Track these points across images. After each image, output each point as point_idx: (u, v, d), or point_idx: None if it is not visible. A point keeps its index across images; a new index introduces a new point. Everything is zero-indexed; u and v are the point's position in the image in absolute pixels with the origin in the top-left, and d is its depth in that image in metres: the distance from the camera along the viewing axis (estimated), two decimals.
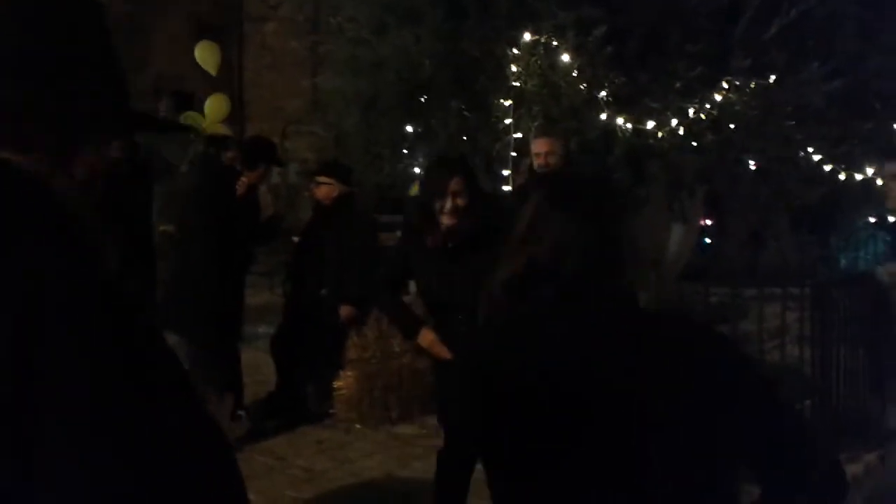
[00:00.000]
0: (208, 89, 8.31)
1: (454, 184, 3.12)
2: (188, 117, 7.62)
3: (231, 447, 1.12)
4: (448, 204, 3.11)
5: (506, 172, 5.72)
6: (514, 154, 5.62)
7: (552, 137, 4.67)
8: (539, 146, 4.61)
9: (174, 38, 11.80)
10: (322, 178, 5.09)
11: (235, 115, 9.88)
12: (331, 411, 5.27)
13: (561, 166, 4.59)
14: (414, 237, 3.36)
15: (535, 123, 5.58)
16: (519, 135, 5.58)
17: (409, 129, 6.13)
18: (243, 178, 4.80)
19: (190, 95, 8.76)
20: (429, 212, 3.19)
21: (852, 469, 4.90)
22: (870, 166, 5.62)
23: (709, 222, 7.28)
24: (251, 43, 9.56)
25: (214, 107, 7.91)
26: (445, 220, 3.15)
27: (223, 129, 7.72)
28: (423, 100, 6.06)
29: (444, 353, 3.26)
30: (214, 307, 4.62)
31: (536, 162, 4.65)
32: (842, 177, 5.56)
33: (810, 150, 5.57)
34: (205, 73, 8.15)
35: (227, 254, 4.64)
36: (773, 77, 5.35)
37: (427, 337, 3.33)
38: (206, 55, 7.87)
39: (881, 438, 5.32)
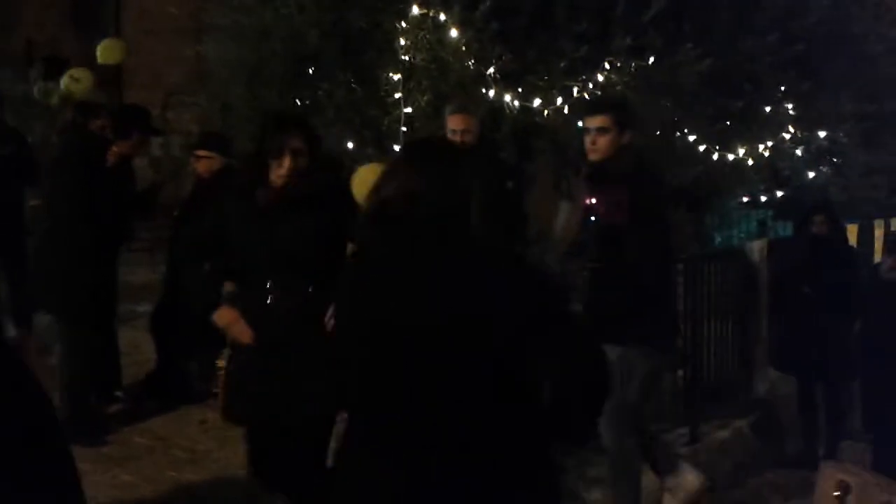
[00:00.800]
0: (82, 56, 7.87)
1: (293, 141, 2.96)
2: (71, 74, 7.14)
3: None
4: (286, 162, 2.93)
5: (397, 147, 5.69)
6: (404, 129, 5.60)
7: (469, 115, 4.45)
8: (455, 122, 4.37)
9: (46, 2, 11.13)
10: (202, 152, 4.90)
11: (114, 84, 9.40)
12: (214, 391, 5.13)
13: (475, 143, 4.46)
14: (238, 197, 3.09)
15: (425, 98, 5.57)
16: (409, 109, 5.55)
17: (297, 101, 5.99)
18: (114, 148, 4.56)
19: (63, 61, 8.27)
20: (262, 169, 2.99)
21: (722, 434, 5.18)
22: (741, 146, 5.88)
23: (594, 201, 7.44)
24: (130, 7, 9.13)
25: (108, 49, 7.44)
26: (279, 180, 2.96)
27: (94, 96, 7.32)
28: (310, 71, 5.93)
29: (243, 335, 3.02)
30: (85, 284, 4.39)
31: (453, 139, 4.49)
32: (715, 157, 5.80)
33: (686, 130, 5.77)
34: (77, 37, 7.69)
35: (97, 228, 4.41)
36: (651, 58, 5.50)
37: (225, 316, 3.06)
38: (108, 54, 7.43)
39: (749, 405, 5.64)
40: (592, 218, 4.00)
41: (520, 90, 5.62)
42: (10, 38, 10.95)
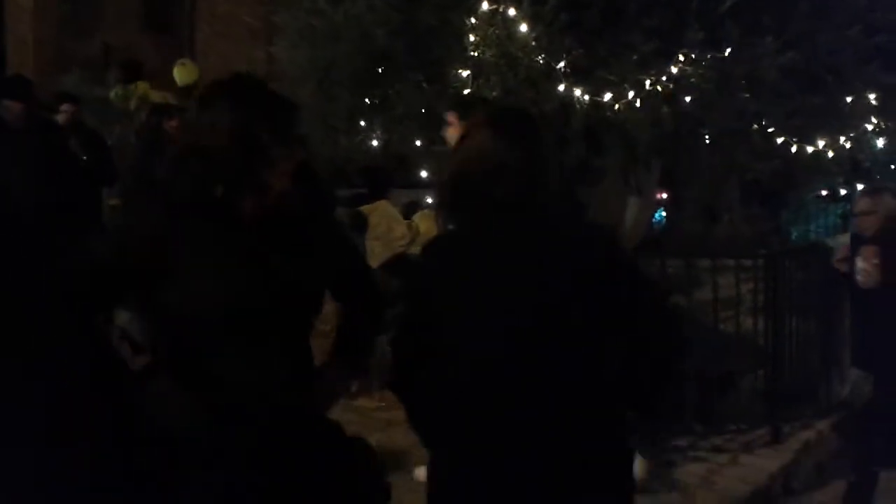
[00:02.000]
0: (158, 59, 8.10)
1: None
2: (139, 87, 7.44)
3: None
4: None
5: None
6: None
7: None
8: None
9: (123, 7, 11.47)
10: None
11: (187, 87, 9.63)
12: None
13: None
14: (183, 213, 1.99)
15: (494, 94, 5.55)
16: None
17: (367, 100, 6.03)
18: None
19: (138, 65, 8.51)
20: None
21: (804, 435, 5.03)
22: (821, 139, 5.69)
23: (664, 196, 7.34)
24: (202, 12, 9.34)
25: (183, 74, 7.76)
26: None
27: (168, 98, 7.55)
28: (379, 71, 5.96)
29: None
30: None
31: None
32: (794, 149, 5.62)
33: (763, 123, 5.62)
34: (152, 41, 7.95)
35: None
36: (727, 50, 5.36)
37: None
38: (183, 74, 7.73)
39: (832, 406, 5.47)
40: (662, 213, 3.96)
41: (590, 85, 5.55)
42: (88, 44, 11.33)
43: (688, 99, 5.49)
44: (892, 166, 6.71)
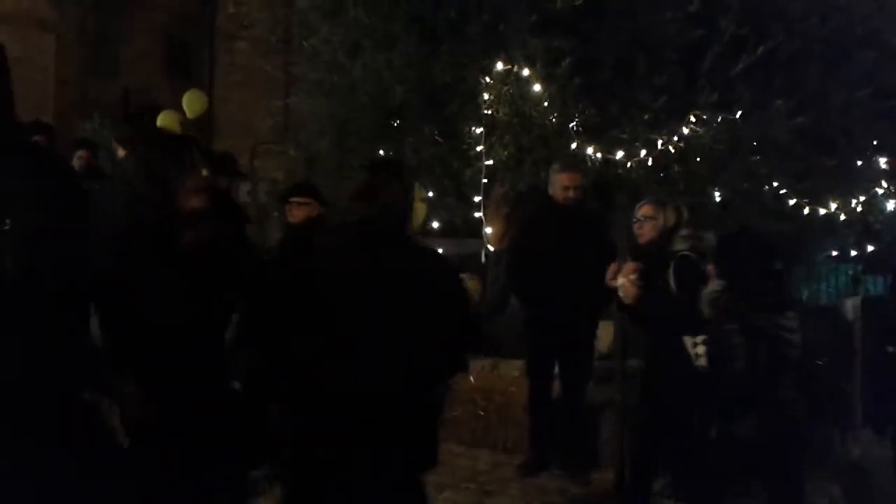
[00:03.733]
0: (177, 105, 8.24)
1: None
2: (164, 116, 7.51)
3: None
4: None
5: (477, 199, 5.76)
6: (485, 181, 5.67)
7: (577, 172, 4.75)
8: (566, 180, 4.63)
9: (143, 52, 11.70)
10: (300, 198, 4.97)
11: (204, 131, 9.80)
12: None
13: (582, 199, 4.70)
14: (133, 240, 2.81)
15: (506, 151, 5.64)
16: (490, 162, 5.62)
17: (381, 153, 6.13)
18: None
19: (157, 110, 8.67)
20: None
21: (812, 500, 4.95)
22: (833, 201, 5.74)
23: None
24: (221, 60, 9.53)
25: (192, 101, 7.87)
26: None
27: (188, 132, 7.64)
28: (395, 124, 6.07)
29: None
30: None
31: (564, 195, 4.63)
32: (805, 211, 5.67)
33: (775, 184, 5.67)
34: (172, 86, 8.09)
35: None
36: (739, 112, 5.44)
37: None
38: (194, 105, 7.88)
39: (843, 468, 5.40)
40: None
41: (602, 143, 5.63)
42: (108, 88, 11.54)
43: (698, 159, 5.57)
44: None
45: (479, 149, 5.64)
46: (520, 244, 4.95)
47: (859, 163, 5.96)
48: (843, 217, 5.75)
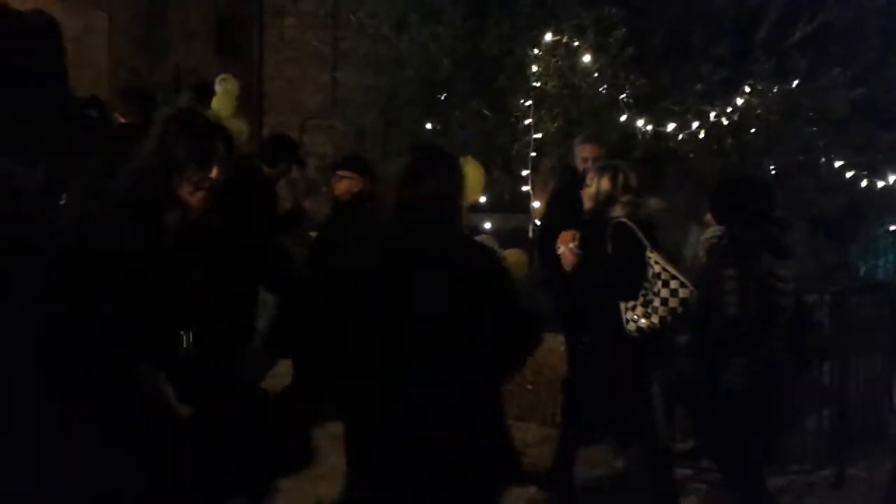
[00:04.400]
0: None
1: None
2: (213, 112, 7.60)
3: None
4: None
5: (525, 172, 5.71)
6: (533, 154, 5.61)
7: (598, 144, 4.66)
8: (586, 151, 4.56)
9: (193, 31, 11.82)
10: (344, 172, 4.96)
11: (254, 107, 9.89)
12: None
13: None
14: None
15: (555, 124, 5.58)
16: (539, 135, 5.57)
17: (429, 126, 6.12)
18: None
19: (210, 88, 8.76)
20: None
21: (869, 477, 4.87)
22: (892, 174, 5.58)
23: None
24: (270, 36, 9.59)
25: (227, 88, 7.92)
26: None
27: (241, 124, 7.72)
28: (442, 98, 6.05)
29: None
30: None
31: (584, 167, 4.59)
32: (863, 184, 5.52)
33: (832, 156, 5.53)
34: (222, 64, 8.15)
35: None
36: (795, 82, 5.30)
37: None
38: (227, 87, 7.92)
39: None
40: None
41: (653, 115, 5.54)
42: (160, 67, 11.70)
43: (752, 130, 5.45)
44: None
45: (527, 122, 5.59)
46: (546, 216, 4.91)
47: None
48: None
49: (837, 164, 5.48)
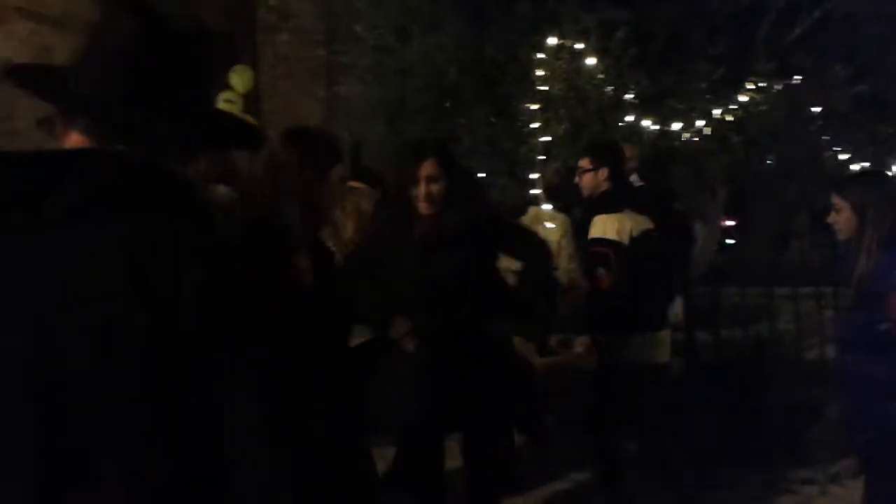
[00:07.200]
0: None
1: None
2: (225, 97, 7.54)
3: None
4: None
5: (533, 175, 5.72)
6: (541, 157, 5.63)
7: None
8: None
9: None
10: (355, 184, 5.00)
11: (253, 114, 9.83)
12: None
13: None
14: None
15: (562, 127, 5.61)
16: (547, 138, 5.59)
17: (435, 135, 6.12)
18: None
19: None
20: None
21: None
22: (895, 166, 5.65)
23: (730, 223, 7.31)
24: (264, 53, 9.61)
25: (243, 79, 7.93)
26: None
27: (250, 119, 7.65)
28: (448, 106, 6.06)
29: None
30: None
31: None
32: None
33: (835, 150, 5.60)
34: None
35: None
36: (797, 78, 5.37)
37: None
38: (241, 78, 7.92)
39: None
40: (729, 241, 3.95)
41: (658, 115, 5.59)
42: None
43: (757, 127, 5.52)
44: None
45: (533, 126, 5.61)
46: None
47: None
48: None
49: (842, 157, 5.55)
